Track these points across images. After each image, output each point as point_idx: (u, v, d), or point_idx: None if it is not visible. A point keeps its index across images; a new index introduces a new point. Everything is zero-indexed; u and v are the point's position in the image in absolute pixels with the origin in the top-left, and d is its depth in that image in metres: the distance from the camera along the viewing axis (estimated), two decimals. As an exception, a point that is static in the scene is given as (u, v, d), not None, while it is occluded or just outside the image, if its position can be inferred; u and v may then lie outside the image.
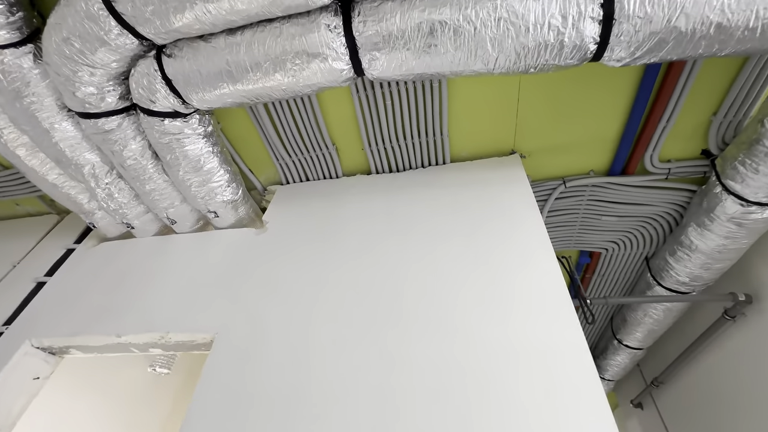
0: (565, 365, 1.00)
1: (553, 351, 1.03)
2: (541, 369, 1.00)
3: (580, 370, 0.99)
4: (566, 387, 0.96)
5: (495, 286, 1.21)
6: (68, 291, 1.69)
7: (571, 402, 0.94)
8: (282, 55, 1.12)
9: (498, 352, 1.05)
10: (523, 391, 0.97)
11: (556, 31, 0.99)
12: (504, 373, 1.02)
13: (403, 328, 1.18)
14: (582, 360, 1.00)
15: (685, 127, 1.55)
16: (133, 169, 1.51)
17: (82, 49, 1.15)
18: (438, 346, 1.11)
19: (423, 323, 1.17)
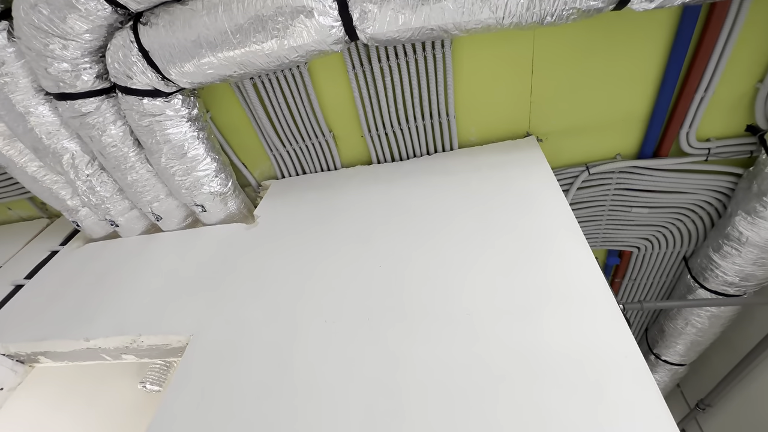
0: (610, 376, 0.78)
1: (595, 357, 0.82)
2: (578, 379, 0.78)
3: (632, 381, 0.76)
4: (614, 403, 0.74)
5: (518, 278, 1.01)
6: (44, 294, 1.56)
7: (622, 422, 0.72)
8: (263, 10, 1.00)
9: (520, 355, 0.85)
10: (555, 406, 0.76)
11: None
12: (528, 380, 0.81)
13: (407, 324, 0.98)
14: (636, 368, 0.78)
15: (726, 98, 1.36)
16: (114, 157, 1.40)
17: (50, 17, 1.06)
18: (448, 346, 0.91)
19: (430, 320, 0.98)
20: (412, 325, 0.97)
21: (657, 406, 0.71)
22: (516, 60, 1.33)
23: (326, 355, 0.97)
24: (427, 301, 1.02)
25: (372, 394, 0.86)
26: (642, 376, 0.76)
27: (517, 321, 0.91)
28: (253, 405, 0.92)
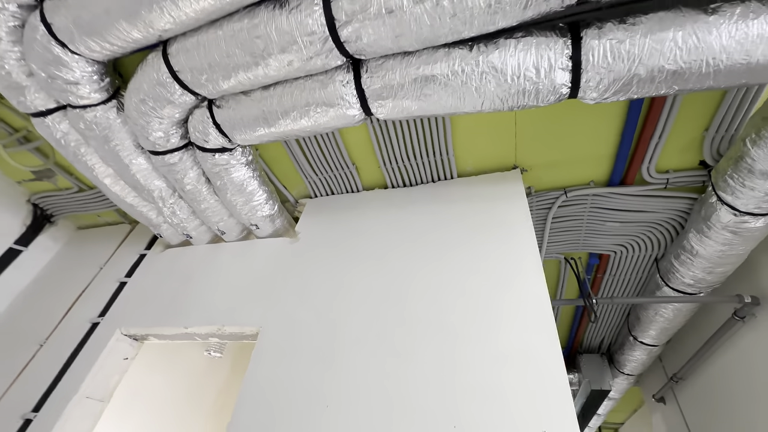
0: (538, 367, 1.20)
1: (533, 354, 1.23)
2: (521, 367, 1.21)
3: (552, 371, 1.18)
4: (539, 384, 1.16)
5: (488, 295, 1.42)
6: (144, 289, 2.10)
7: (542, 398, 1.14)
8: (306, 105, 1.37)
9: (485, 352, 1.27)
10: (505, 385, 1.19)
11: (531, 80, 1.17)
12: (489, 368, 1.23)
13: (408, 328, 1.42)
14: (554, 362, 1.19)
15: (679, 142, 1.64)
16: (191, 192, 1.85)
17: (154, 107, 1.47)
18: (437, 346, 1.34)
19: (425, 325, 1.41)
20: (411, 328, 1.41)
21: (564, 390, 1.13)
22: (502, 114, 1.65)
23: (354, 341, 1.43)
24: (422, 311, 1.45)
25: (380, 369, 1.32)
26: (557, 368, 1.17)
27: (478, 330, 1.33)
28: (306, 375, 1.40)
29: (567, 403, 1.10)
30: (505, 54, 1.15)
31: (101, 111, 1.59)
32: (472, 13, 1.04)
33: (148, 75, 1.41)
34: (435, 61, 1.21)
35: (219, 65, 1.28)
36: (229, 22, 1.23)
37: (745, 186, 1.46)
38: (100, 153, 1.75)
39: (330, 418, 1.28)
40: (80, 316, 2.09)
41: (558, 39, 1.12)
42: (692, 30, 1.01)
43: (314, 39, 1.16)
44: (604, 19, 1.10)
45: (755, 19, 0.96)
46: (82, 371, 1.79)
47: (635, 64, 1.07)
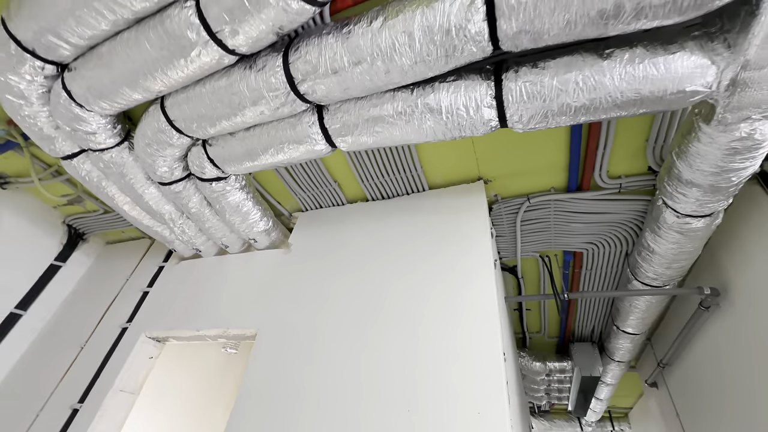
0: (482, 359, 1.41)
1: (476, 345, 1.45)
2: (461, 362, 1.43)
3: (492, 367, 1.39)
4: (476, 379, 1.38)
5: (445, 300, 1.63)
6: (163, 297, 2.42)
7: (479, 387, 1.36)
8: (280, 143, 1.61)
9: (433, 349, 1.50)
10: (454, 376, 1.41)
11: (464, 117, 1.36)
12: (443, 363, 1.46)
13: (381, 326, 1.66)
14: (493, 359, 1.40)
15: (625, 150, 1.78)
16: (196, 214, 2.14)
17: (158, 149, 1.75)
18: (402, 344, 1.58)
19: (394, 326, 1.64)
20: (382, 330, 1.65)
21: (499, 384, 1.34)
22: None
23: (333, 342, 1.68)
24: (392, 315, 1.68)
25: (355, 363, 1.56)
26: (497, 363, 1.38)
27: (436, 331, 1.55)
28: (295, 369, 1.66)
29: (500, 391, 1.32)
30: (439, 96, 1.35)
31: (116, 152, 1.88)
32: (403, 69, 1.24)
33: (150, 124, 1.68)
34: (382, 104, 1.42)
35: (205, 116, 1.54)
36: (211, 81, 1.47)
37: (678, 193, 1.59)
38: (118, 185, 2.05)
39: (313, 404, 1.54)
40: (112, 322, 2.45)
41: (483, 82, 1.31)
42: (590, 73, 1.18)
43: (279, 93, 1.39)
44: (521, 63, 1.28)
45: (640, 63, 1.12)
46: (116, 368, 2.14)
47: (546, 102, 1.24)
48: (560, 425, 5.93)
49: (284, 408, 1.59)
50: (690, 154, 1.41)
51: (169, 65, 1.35)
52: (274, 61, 1.35)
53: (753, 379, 1.99)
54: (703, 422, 2.60)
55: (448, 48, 1.16)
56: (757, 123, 1.19)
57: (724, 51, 1.06)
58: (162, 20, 1.27)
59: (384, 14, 1.20)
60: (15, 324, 2.58)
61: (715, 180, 1.42)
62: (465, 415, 1.30)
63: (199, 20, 1.22)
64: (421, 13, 1.14)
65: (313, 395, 1.57)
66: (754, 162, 1.32)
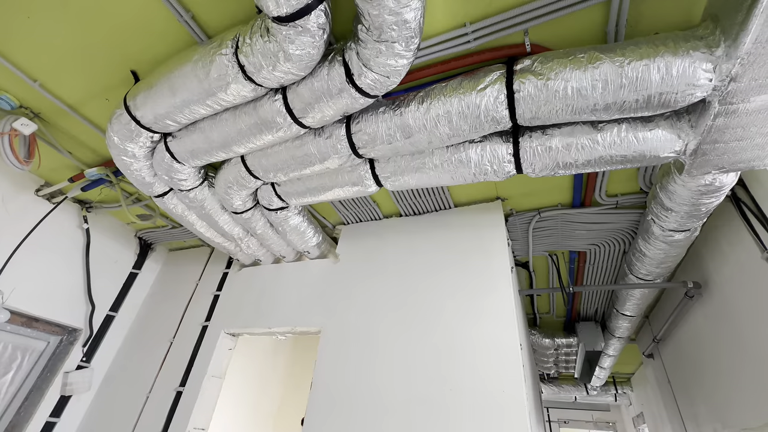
0: (505, 349, 1.87)
1: (499, 338, 1.90)
2: (488, 353, 1.88)
3: (512, 355, 1.84)
4: (500, 366, 1.83)
5: (472, 299, 2.07)
6: (234, 299, 2.92)
7: (502, 374, 1.82)
8: (341, 185, 2.01)
9: (465, 343, 1.95)
10: (484, 361, 1.87)
11: (488, 169, 1.74)
12: (473, 352, 1.92)
13: (422, 324, 2.12)
14: (514, 348, 1.85)
15: (620, 175, 2.14)
16: (261, 234, 2.59)
17: (237, 190, 2.17)
18: (440, 336, 2.04)
19: (434, 323, 2.10)
20: (424, 323, 2.11)
21: (518, 380, 1.80)
22: (481, 166, 2.21)
23: (386, 337, 2.16)
24: (428, 313, 2.14)
25: (405, 349, 2.04)
26: (515, 360, 1.84)
27: (463, 323, 2.01)
28: (354, 359, 2.15)
29: (518, 374, 1.78)
30: (469, 154, 1.72)
31: (199, 190, 2.30)
32: (441, 139, 1.62)
33: (231, 171, 2.09)
34: (424, 158, 1.80)
35: (281, 169, 1.94)
36: (286, 143, 1.86)
37: (662, 213, 1.97)
38: (198, 214, 2.50)
39: (374, 389, 2.03)
40: (193, 320, 2.97)
41: (503, 144, 1.68)
42: (587, 141, 1.54)
43: (342, 155, 1.78)
44: (533, 129, 1.64)
45: (626, 135, 1.48)
46: (205, 359, 2.67)
47: (554, 159, 1.62)
48: (567, 389, 6.53)
49: (349, 394, 2.09)
50: (668, 190, 1.77)
51: (257, 137, 1.74)
52: (339, 131, 1.73)
53: (726, 355, 2.42)
54: (689, 387, 3.08)
55: (477, 126, 1.53)
56: (716, 175, 1.55)
57: (688, 129, 1.41)
58: (255, 108, 1.65)
59: (429, 99, 1.57)
60: (111, 324, 3.13)
61: (689, 209, 1.79)
62: (493, 392, 1.77)
63: (286, 110, 1.60)
64: (458, 102, 1.51)
65: (374, 381, 2.06)
66: (717, 198, 1.69)
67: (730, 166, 1.46)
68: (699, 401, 2.89)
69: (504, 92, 1.43)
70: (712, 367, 2.67)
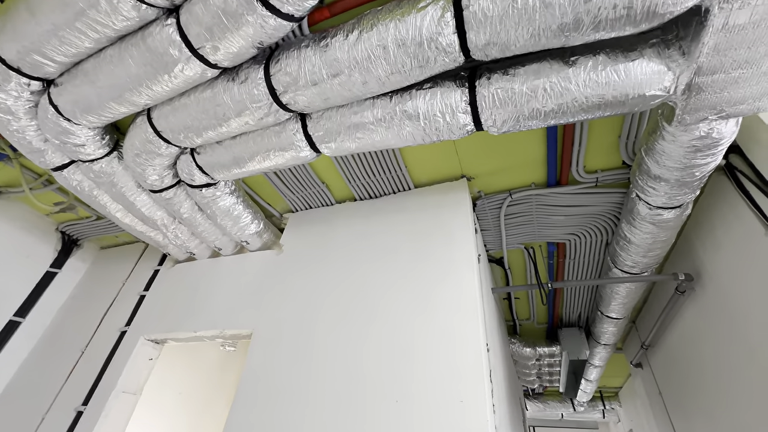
0: (465, 351, 1.50)
1: (459, 338, 1.53)
2: (446, 355, 1.51)
3: (474, 358, 1.48)
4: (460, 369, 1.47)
5: (432, 294, 1.71)
6: (160, 300, 2.48)
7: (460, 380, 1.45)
8: (266, 150, 1.66)
9: (419, 342, 1.58)
10: (440, 366, 1.50)
11: (440, 122, 1.42)
12: (428, 355, 1.55)
13: (368, 321, 1.74)
14: (477, 350, 1.49)
15: (600, 146, 1.85)
16: (188, 219, 2.19)
17: (147, 159, 1.79)
18: (389, 335, 1.66)
19: (382, 320, 1.72)
20: (370, 320, 1.73)
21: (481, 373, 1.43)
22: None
23: (325, 338, 1.77)
24: (379, 308, 1.76)
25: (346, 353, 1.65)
26: (480, 352, 1.47)
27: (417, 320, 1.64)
28: (290, 364, 1.75)
29: (481, 380, 1.41)
30: (416, 103, 1.40)
31: (105, 163, 1.91)
32: (380, 80, 1.29)
33: (138, 135, 1.72)
34: (363, 111, 1.47)
35: (191, 127, 1.58)
36: (195, 93, 1.51)
37: (649, 186, 1.67)
38: (110, 194, 2.09)
39: (307, 398, 1.63)
40: (111, 326, 2.51)
41: (457, 89, 1.36)
42: (557, 80, 1.24)
43: (262, 105, 1.43)
44: (494, 70, 1.33)
45: (603, 70, 1.18)
46: (117, 371, 2.21)
47: (517, 107, 1.31)
48: (554, 406, 6.14)
49: (280, 403, 1.67)
50: (656, 151, 1.48)
51: (153, 80, 1.39)
52: (256, 73, 1.39)
53: (725, 357, 2.11)
54: (683, 399, 2.75)
55: (421, 59, 1.21)
56: (714, 123, 1.26)
57: (679, 58, 1.12)
58: (144, 38, 1.30)
59: (359, 27, 1.25)
60: (15, 331, 2.63)
61: (681, 175, 1.50)
62: (448, 403, 1.39)
63: (180, 38, 1.26)
64: (395, 27, 1.19)
65: (307, 389, 1.65)
66: (714, 158, 1.40)
67: (731, 109, 1.17)
68: (694, 413, 2.56)
69: (451, 9, 1.12)
70: (707, 372, 2.35)
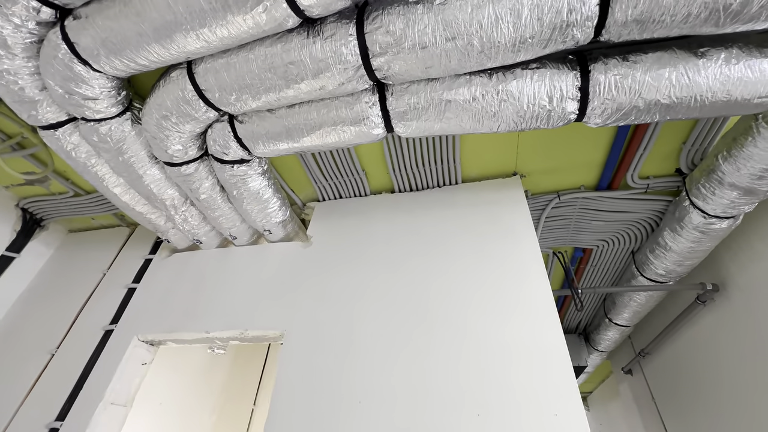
0: (545, 362, 1.37)
1: (539, 350, 1.41)
2: (528, 362, 1.38)
3: (561, 364, 1.36)
4: (545, 378, 1.34)
5: (497, 295, 1.58)
6: (157, 295, 2.12)
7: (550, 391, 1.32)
8: (332, 123, 1.44)
9: (495, 349, 1.44)
10: (522, 375, 1.36)
11: (545, 108, 1.29)
12: (507, 362, 1.40)
13: (427, 326, 1.57)
14: (560, 356, 1.37)
15: (660, 152, 1.84)
16: (206, 200, 1.88)
17: (176, 123, 1.49)
18: (456, 342, 1.50)
19: (444, 325, 1.56)
20: (430, 325, 1.56)
21: (571, 383, 1.31)
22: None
23: (374, 343, 1.56)
24: (436, 310, 1.59)
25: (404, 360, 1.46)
26: (564, 362, 1.36)
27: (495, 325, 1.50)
28: (333, 372, 1.52)
29: (574, 390, 1.29)
30: (522, 83, 1.27)
31: (116, 124, 1.57)
32: (498, 50, 1.14)
33: (172, 92, 1.42)
34: (457, 87, 1.31)
35: (249, 86, 1.32)
36: (261, 47, 1.26)
37: (715, 194, 1.68)
38: (112, 164, 1.73)
39: (357, 409, 1.42)
40: (91, 323, 2.10)
41: (569, 72, 1.25)
42: (684, 70, 1.16)
43: (348, 67, 1.22)
44: (609, 55, 1.23)
45: (736, 65, 1.12)
46: (103, 378, 1.83)
47: (636, 97, 1.21)
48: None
49: (325, 416, 1.44)
50: (741, 157, 1.47)
51: (221, 20, 1.13)
52: (346, 29, 1.18)
53: (741, 369, 2.18)
54: (684, 404, 2.84)
55: (553, 30, 1.08)
56: (820, 130, 1.25)
57: (816, 58, 1.09)
58: (221, -36, 1.05)
59: (486, -14, 1.09)
60: (-44, 327, 2.12)
61: (758, 183, 1.50)
62: (541, 417, 1.26)
63: (272, -31, 1.02)
64: (532, -11, 1.05)
65: (359, 402, 1.44)
66: (800, 167, 1.41)
67: None
68: (698, 420, 2.65)
69: (600, -24, 1.01)
70: (716, 381, 2.44)
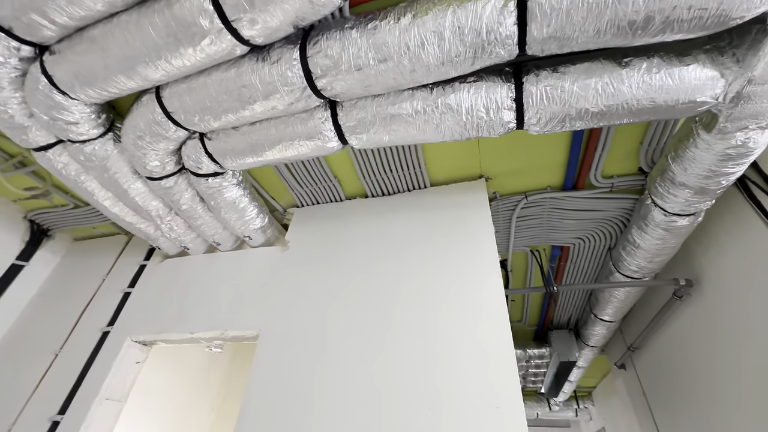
0: (493, 359, 1.45)
1: (491, 348, 1.49)
2: (479, 360, 1.46)
3: (507, 361, 1.43)
4: (492, 374, 1.42)
5: (460, 298, 1.66)
6: (149, 298, 2.28)
7: (495, 386, 1.40)
8: (289, 138, 1.55)
9: (452, 348, 1.52)
10: (472, 372, 1.45)
11: (483, 118, 1.37)
12: (460, 360, 1.49)
13: (394, 325, 1.66)
14: (506, 355, 1.45)
15: (619, 152, 1.87)
16: (187, 211, 2.02)
17: (150, 141, 1.62)
18: (418, 341, 1.59)
19: (409, 324, 1.65)
20: (397, 324, 1.65)
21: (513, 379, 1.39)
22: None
23: (344, 341, 1.67)
24: (401, 312, 1.69)
25: (371, 358, 1.56)
26: (509, 359, 1.43)
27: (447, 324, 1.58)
28: (304, 371, 1.64)
29: (515, 385, 1.37)
30: (459, 97, 1.35)
31: (99, 144, 1.72)
32: (429, 68, 1.23)
33: (143, 115, 1.55)
34: (401, 102, 1.40)
35: (209, 108, 1.44)
36: (217, 72, 1.38)
37: (669, 193, 1.71)
38: (99, 180, 1.89)
39: (326, 406, 1.53)
40: (90, 325, 2.27)
41: (503, 84, 1.32)
42: (609, 80, 1.22)
43: (294, 88, 1.32)
44: (541, 66, 1.30)
45: (657, 73, 1.18)
46: (100, 376, 1.99)
47: (566, 106, 1.28)
48: (530, 406, 6.29)
49: (295, 412, 1.56)
50: (686, 158, 1.51)
51: (175, 53, 1.25)
52: (291, 54, 1.28)
53: (718, 361, 2.20)
54: (669, 398, 2.86)
55: (476, 49, 1.16)
56: (752, 132, 1.29)
57: (732, 65, 1.13)
58: (170, 4, 1.16)
59: (413, 11, 1.17)
60: (-27, 331, 2.33)
61: (706, 183, 1.54)
62: (484, 410, 1.34)
63: (213, 7, 1.13)
64: (453, 13, 1.13)
65: (326, 396, 1.55)
66: (742, 167, 1.44)
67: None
68: (682, 412, 2.67)
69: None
70: (697, 374, 2.46)
